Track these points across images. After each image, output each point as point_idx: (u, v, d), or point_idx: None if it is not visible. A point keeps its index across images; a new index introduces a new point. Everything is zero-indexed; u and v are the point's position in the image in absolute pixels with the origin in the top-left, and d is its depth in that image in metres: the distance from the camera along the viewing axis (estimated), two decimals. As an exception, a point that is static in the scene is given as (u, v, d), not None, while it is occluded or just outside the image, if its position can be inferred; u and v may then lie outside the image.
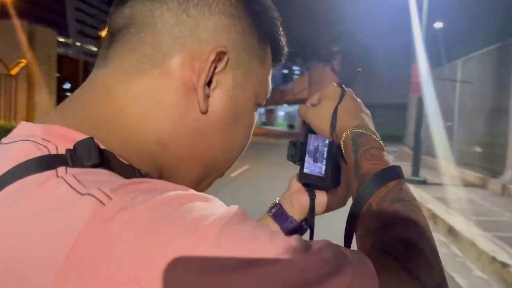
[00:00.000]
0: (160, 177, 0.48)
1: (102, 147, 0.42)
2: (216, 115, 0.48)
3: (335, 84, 0.67)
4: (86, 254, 0.32)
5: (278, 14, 0.54)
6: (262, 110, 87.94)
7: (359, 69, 0.78)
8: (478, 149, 11.98)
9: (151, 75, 0.46)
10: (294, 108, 61.48)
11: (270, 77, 0.56)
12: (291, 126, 58.76)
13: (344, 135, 0.60)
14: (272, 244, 0.36)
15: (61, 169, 0.39)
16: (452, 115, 12.52)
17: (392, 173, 0.53)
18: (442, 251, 5.14)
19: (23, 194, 0.37)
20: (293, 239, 0.38)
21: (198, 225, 0.34)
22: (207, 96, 0.47)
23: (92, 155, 0.40)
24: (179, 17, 0.46)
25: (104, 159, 0.41)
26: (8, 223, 0.36)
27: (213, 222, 0.35)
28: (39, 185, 0.37)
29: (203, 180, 0.53)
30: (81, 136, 0.41)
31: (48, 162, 0.39)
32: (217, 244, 0.34)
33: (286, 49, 0.57)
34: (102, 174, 0.40)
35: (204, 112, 0.47)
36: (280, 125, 73.56)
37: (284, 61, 0.59)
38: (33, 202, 0.36)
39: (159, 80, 0.46)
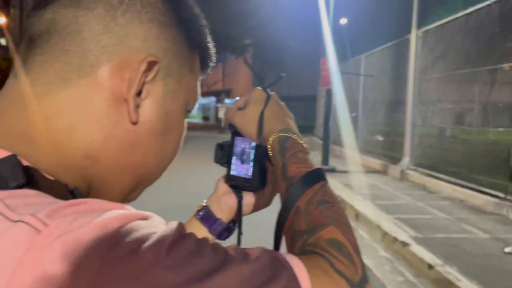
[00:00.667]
0: (89, 190, 0.46)
1: (26, 163, 0.40)
2: (147, 125, 0.47)
3: (260, 88, 0.70)
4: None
5: (206, 21, 0.55)
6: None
7: (283, 74, 0.81)
8: (380, 138, 12.97)
9: (78, 85, 0.43)
10: (208, 100, 61.22)
11: (198, 83, 0.56)
12: (205, 118, 58.44)
13: (271, 138, 0.62)
14: (216, 257, 0.37)
15: None
16: (357, 106, 13.39)
17: (317, 176, 0.58)
18: (350, 235, 5.51)
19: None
20: (233, 250, 0.40)
21: (143, 247, 0.34)
22: (137, 106, 0.46)
23: (17, 175, 0.37)
24: (106, 25, 0.44)
25: (30, 178, 0.39)
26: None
27: (157, 242, 0.35)
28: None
29: (134, 189, 0.51)
30: (1, 153, 0.38)
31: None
32: (164, 264, 0.34)
33: (214, 56, 0.58)
34: (31, 196, 0.37)
35: (135, 123, 0.46)
36: (195, 117, 72.78)
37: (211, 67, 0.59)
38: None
39: (86, 90, 0.43)
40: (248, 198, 0.74)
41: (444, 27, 8.37)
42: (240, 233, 0.73)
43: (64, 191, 0.42)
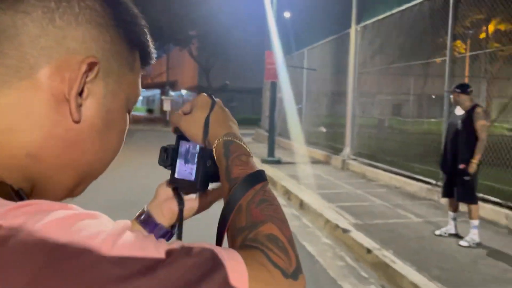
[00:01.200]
0: (32, 189, 0.48)
1: None
2: (88, 124, 0.49)
3: (205, 94, 0.73)
4: None
5: (145, 21, 0.57)
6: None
7: (227, 82, 0.84)
8: (323, 129, 13.38)
9: (18, 88, 0.45)
10: (152, 92, 59.85)
11: (139, 81, 0.58)
12: (150, 111, 57.12)
13: (216, 142, 0.66)
14: (158, 252, 0.41)
15: None
16: (301, 98, 13.71)
17: (259, 177, 0.61)
18: (295, 224, 5.69)
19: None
20: (175, 245, 0.44)
21: (91, 244, 0.37)
22: (79, 106, 0.48)
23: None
24: (44, 28, 0.46)
25: None
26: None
27: (105, 240, 0.38)
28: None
29: (78, 186, 0.54)
30: None
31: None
32: (110, 259, 0.37)
33: (154, 54, 0.60)
34: None
35: (77, 121, 0.48)
36: (139, 110, 70.87)
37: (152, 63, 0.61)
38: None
39: (26, 92, 0.45)
40: (190, 202, 0.78)
41: (381, 23, 8.78)
42: (180, 237, 0.77)
43: (10, 192, 0.44)
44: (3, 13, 0.45)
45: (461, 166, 4.46)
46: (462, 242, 4.50)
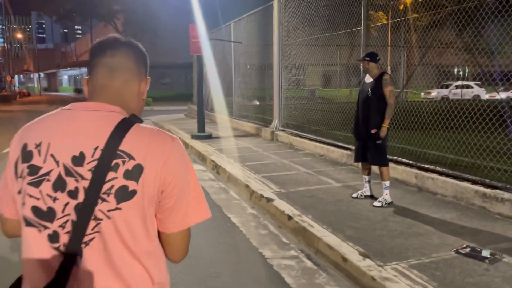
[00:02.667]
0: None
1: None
2: (143, 99, 1.29)
3: None
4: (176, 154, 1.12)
5: None
6: (41, 74, 78.15)
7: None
8: (256, 103, 13.48)
9: (134, 85, 1.21)
10: (79, 72, 56.70)
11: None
12: (78, 91, 54.22)
13: None
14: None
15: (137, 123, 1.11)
16: (231, 72, 13.64)
17: None
18: (222, 197, 5.76)
19: (147, 130, 1.10)
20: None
21: (172, 136, 1.13)
22: (142, 93, 1.26)
23: (138, 119, 1.14)
24: (132, 64, 1.22)
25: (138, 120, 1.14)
26: (168, 144, 1.10)
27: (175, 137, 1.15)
28: (143, 126, 1.10)
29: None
30: (121, 110, 1.13)
31: (129, 120, 1.09)
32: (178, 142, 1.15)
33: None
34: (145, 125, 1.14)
35: (144, 99, 1.28)
36: (66, 89, 67.03)
37: None
38: (148, 129, 1.10)
39: (137, 87, 1.22)
40: None
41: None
42: None
43: (131, 120, 1.12)
44: (110, 55, 1.16)
45: (373, 130, 4.70)
46: (375, 203, 4.80)
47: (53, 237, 1.02)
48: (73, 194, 1.02)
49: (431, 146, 6.62)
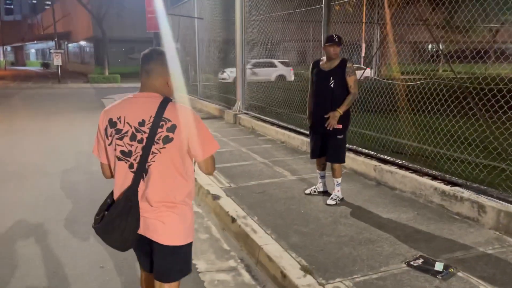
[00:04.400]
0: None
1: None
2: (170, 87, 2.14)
3: None
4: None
5: None
6: (8, 48, 74.69)
7: None
8: (226, 77, 12.83)
9: (159, 80, 2.00)
10: (47, 45, 54.25)
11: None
12: (45, 65, 52.06)
13: None
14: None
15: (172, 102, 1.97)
16: (195, 51, 12.96)
17: None
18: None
19: (178, 106, 1.95)
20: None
21: (194, 112, 2.00)
22: (168, 84, 2.06)
23: (170, 99, 1.96)
24: (160, 68, 2.02)
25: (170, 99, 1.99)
26: (190, 113, 1.95)
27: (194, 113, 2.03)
28: (173, 103, 1.94)
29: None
30: (159, 95, 1.97)
31: (166, 99, 1.94)
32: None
33: None
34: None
35: (170, 87, 2.06)
36: (33, 64, 64.37)
37: None
38: (177, 105, 1.95)
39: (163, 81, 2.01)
40: None
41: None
42: None
43: (166, 99, 1.96)
44: (147, 63, 1.98)
45: (337, 126, 4.24)
46: (329, 201, 4.42)
47: (131, 165, 1.93)
48: (140, 141, 1.90)
49: (394, 131, 6.27)
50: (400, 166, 4.94)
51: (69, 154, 7.45)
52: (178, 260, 2.05)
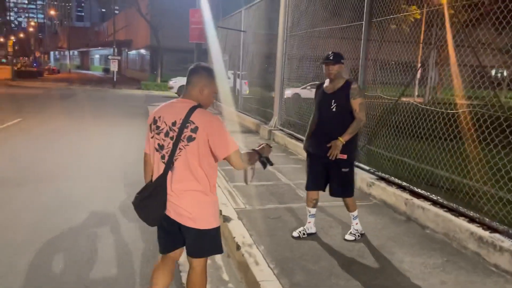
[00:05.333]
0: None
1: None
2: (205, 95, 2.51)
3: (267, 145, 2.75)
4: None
5: None
6: (75, 52, 79.23)
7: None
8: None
9: (195, 91, 2.41)
10: (109, 51, 56.84)
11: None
12: (106, 70, 54.48)
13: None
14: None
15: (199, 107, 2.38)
16: (239, 61, 12.84)
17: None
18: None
19: (203, 111, 2.35)
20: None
21: (219, 119, 2.39)
22: (202, 92, 2.45)
23: (201, 106, 2.37)
24: (203, 81, 2.45)
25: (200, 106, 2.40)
26: (211, 118, 2.33)
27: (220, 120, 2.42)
28: (200, 109, 2.35)
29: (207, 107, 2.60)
30: (194, 102, 2.38)
31: (195, 106, 2.34)
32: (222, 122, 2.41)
33: None
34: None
35: (202, 95, 2.46)
36: (96, 69, 67.73)
37: None
38: (202, 110, 2.34)
39: (198, 91, 2.42)
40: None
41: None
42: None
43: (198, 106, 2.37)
44: (189, 75, 2.42)
45: (341, 156, 3.69)
46: (347, 236, 3.97)
47: (163, 157, 2.36)
48: (171, 138, 2.32)
49: (432, 160, 5.68)
50: (434, 203, 4.40)
51: (97, 158, 7.45)
52: (205, 241, 2.42)
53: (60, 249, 3.81)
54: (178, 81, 24.01)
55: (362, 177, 5.53)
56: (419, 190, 4.70)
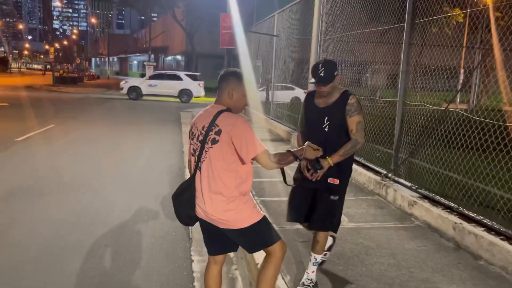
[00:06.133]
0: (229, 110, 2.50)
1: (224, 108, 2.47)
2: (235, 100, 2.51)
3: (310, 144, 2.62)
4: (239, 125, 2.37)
5: None
6: (115, 58, 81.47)
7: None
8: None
9: (224, 95, 2.48)
10: (146, 58, 57.92)
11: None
12: (143, 75, 55.50)
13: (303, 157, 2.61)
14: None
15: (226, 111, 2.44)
16: (271, 67, 12.46)
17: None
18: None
19: (228, 114, 2.39)
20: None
21: (244, 120, 2.40)
22: (231, 96, 2.48)
23: (228, 110, 2.43)
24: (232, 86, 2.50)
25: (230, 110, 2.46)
26: (234, 120, 2.34)
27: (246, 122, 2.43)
28: (226, 113, 2.40)
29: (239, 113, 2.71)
30: (223, 106, 2.45)
31: (222, 110, 2.40)
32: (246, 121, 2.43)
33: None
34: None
35: (231, 99, 2.48)
36: (134, 74, 69.27)
37: None
38: (227, 114, 2.39)
39: (228, 95, 2.48)
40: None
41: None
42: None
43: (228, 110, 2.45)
44: (219, 81, 2.49)
45: (331, 180, 2.99)
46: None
47: (195, 160, 2.46)
48: (200, 142, 2.41)
49: (487, 177, 5.04)
50: (489, 229, 3.83)
51: (122, 168, 7.24)
52: (249, 238, 2.46)
53: (68, 272, 3.50)
54: (130, 82, 23.52)
55: (403, 195, 4.99)
56: (470, 213, 4.13)
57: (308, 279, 3.14)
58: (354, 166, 6.39)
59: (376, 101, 8.00)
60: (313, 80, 2.93)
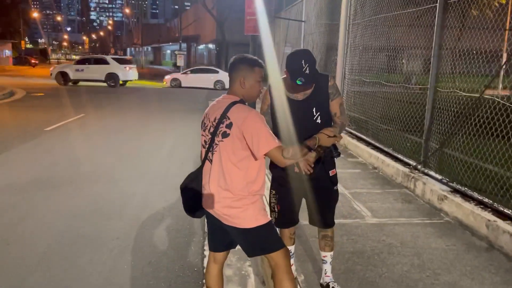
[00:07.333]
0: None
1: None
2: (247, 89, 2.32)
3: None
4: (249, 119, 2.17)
5: None
6: (149, 48, 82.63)
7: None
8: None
9: (236, 85, 2.30)
10: (177, 47, 58.29)
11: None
12: (174, 65, 56.05)
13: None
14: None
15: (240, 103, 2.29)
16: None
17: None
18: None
19: (240, 106, 2.22)
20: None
21: (256, 112, 2.23)
22: (244, 85, 2.29)
23: (241, 101, 2.27)
24: (244, 73, 2.29)
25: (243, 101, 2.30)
26: (246, 114, 2.16)
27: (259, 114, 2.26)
28: (238, 104, 2.23)
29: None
30: (235, 97, 2.29)
31: (235, 102, 2.24)
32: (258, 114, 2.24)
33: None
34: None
35: (244, 88, 2.30)
36: (167, 64, 70.04)
37: None
38: (239, 106, 2.21)
39: (239, 85, 2.29)
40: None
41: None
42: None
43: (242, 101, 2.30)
44: (229, 71, 2.32)
45: (331, 172, 2.78)
46: None
47: (205, 152, 2.33)
48: (211, 133, 2.28)
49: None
50: (526, 227, 3.48)
51: (143, 158, 7.20)
52: (250, 240, 2.30)
53: (76, 266, 3.44)
54: (57, 67, 23.59)
55: (433, 189, 4.66)
56: (506, 210, 3.77)
57: (333, 282, 2.94)
58: (382, 157, 6.07)
59: (410, 88, 7.51)
60: (300, 81, 2.49)
